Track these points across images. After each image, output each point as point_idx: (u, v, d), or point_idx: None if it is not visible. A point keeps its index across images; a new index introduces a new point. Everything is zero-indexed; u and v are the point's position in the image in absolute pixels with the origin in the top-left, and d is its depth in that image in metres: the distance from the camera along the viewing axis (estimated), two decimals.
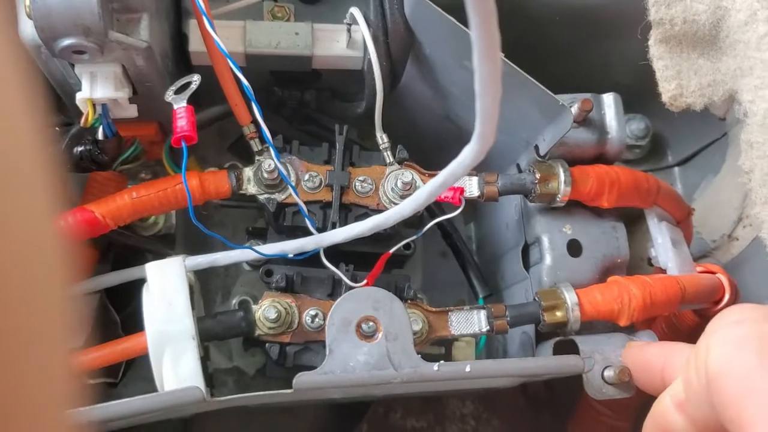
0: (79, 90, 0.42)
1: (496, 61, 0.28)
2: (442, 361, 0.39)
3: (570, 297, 0.46)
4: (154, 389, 0.56)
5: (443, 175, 0.35)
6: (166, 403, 0.38)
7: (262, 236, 0.58)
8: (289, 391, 0.39)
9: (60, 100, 0.53)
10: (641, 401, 0.46)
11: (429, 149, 0.54)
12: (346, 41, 0.50)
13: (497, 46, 0.27)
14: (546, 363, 0.41)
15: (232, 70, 0.45)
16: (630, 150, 0.65)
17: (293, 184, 0.47)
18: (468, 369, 0.39)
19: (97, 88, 0.41)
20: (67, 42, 0.38)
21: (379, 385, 0.39)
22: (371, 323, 0.41)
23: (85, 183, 0.52)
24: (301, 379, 0.39)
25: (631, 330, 0.47)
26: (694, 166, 0.64)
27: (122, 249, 0.55)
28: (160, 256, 0.54)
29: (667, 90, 0.45)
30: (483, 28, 0.26)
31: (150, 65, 0.42)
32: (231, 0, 0.52)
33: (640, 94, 0.55)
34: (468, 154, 0.33)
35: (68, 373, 0.17)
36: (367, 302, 0.41)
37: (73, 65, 0.41)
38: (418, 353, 0.40)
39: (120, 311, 0.54)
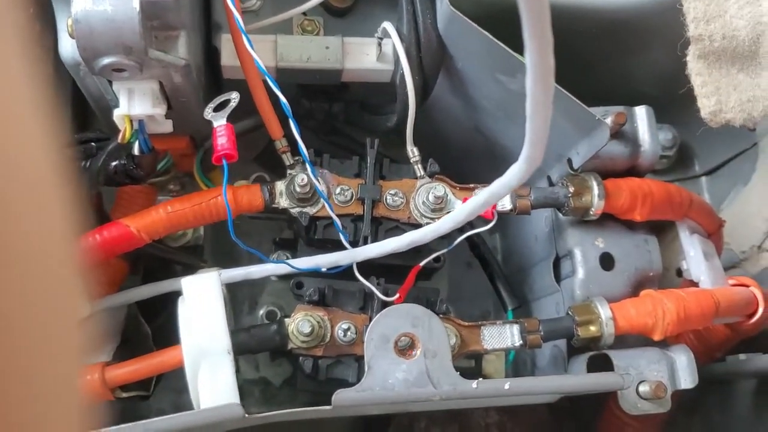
0: (116, 106, 0.42)
1: (549, 86, 0.28)
2: (480, 379, 0.39)
3: (604, 312, 0.46)
4: (182, 400, 0.56)
5: (486, 193, 0.35)
6: (207, 419, 0.38)
7: (288, 247, 0.58)
8: (328, 407, 0.39)
9: (86, 115, 0.53)
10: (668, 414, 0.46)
11: (455, 160, 0.54)
12: (376, 54, 0.50)
13: (551, 72, 0.27)
14: (586, 380, 0.41)
15: (266, 85, 0.45)
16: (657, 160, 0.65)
17: (326, 197, 0.47)
18: (507, 386, 0.39)
19: (135, 105, 0.41)
20: (108, 60, 0.38)
21: (417, 402, 0.39)
22: (405, 339, 0.41)
23: (115, 196, 0.52)
24: (341, 396, 0.39)
25: (664, 344, 0.47)
26: (722, 176, 0.63)
27: (152, 261, 0.55)
28: (190, 267, 0.54)
29: (706, 106, 0.45)
30: (539, 53, 0.26)
31: (186, 81, 0.42)
32: (261, 15, 0.52)
33: (666, 103, 0.54)
34: (514, 175, 0.33)
35: (82, 396, 0.17)
36: (406, 319, 0.41)
37: (111, 82, 0.41)
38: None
39: (150, 323, 0.54)
